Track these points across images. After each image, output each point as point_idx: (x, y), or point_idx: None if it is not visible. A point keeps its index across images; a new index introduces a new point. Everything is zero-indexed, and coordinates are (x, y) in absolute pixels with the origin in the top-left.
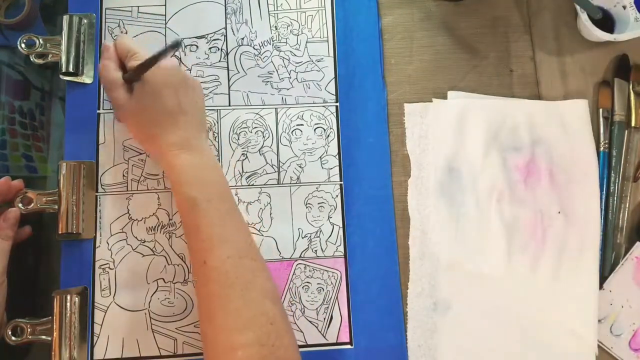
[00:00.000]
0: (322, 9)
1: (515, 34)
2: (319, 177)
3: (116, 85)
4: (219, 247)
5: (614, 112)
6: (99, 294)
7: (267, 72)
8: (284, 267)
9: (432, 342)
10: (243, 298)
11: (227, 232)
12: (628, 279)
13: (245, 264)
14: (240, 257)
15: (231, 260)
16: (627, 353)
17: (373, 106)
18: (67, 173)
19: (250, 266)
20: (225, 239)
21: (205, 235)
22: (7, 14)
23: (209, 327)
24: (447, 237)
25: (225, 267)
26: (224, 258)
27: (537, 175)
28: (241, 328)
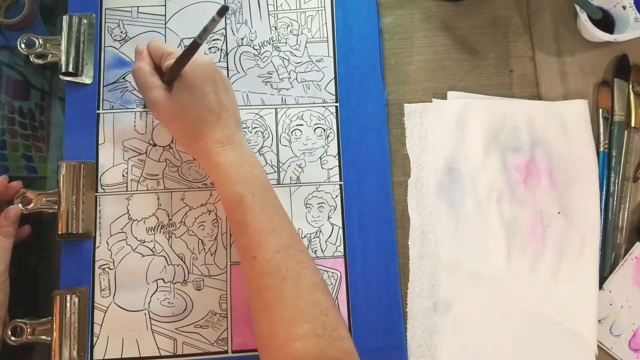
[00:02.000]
0: (321, 9)
1: (515, 34)
2: (319, 178)
3: (153, 86)
4: (268, 240)
5: (613, 113)
6: (99, 294)
7: (267, 72)
8: None
9: (432, 342)
10: (296, 289)
11: (274, 225)
12: (628, 279)
13: (293, 256)
14: (288, 249)
15: (280, 253)
16: (627, 353)
17: (373, 106)
18: (66, 173)
19: (299, 258)
20: (272, 232)
21: (253, 231)
22: (7, 14)
23: (265, 320)
24: (447, 237)
25: (275, 260)
26: (273, 251)
27: (537, 175)
28: (297, 319)
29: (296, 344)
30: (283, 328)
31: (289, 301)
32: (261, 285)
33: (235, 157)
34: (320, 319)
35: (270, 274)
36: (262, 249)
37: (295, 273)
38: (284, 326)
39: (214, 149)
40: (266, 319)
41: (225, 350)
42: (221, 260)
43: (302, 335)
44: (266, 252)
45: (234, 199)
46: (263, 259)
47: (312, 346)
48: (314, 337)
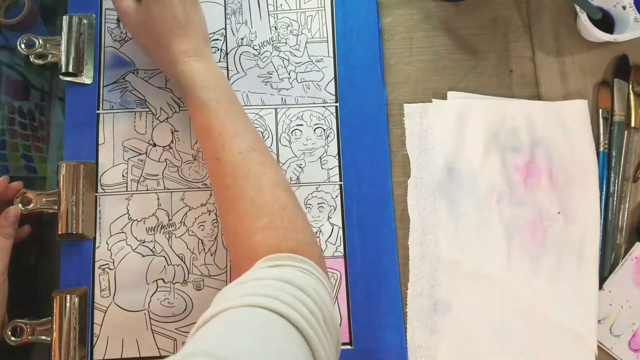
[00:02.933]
0: (321, 9)
1: (515, 35)
2: (319, 178)
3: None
4: (230, 142)
5: (613, 113)
6: (99, 295)
7: (267, 73)
8: None
9: (431, 343)
10: (256, 188)
11: (237, 129)
12: (628, 280)
13: (255, 157)
14: (250, 151)
15: (242, 155)
16: (627, 353)
17: (373, 106)
18: (66, 173)
19: (260, 159)
20: (235, 135)
21: (216, 133)
22: (7, 14)
23: (229, 218)
24: (447, 237)
25: (237, 160)
26: (235, 152)
27: (536, 175)
28: (257, 214)
29: (256, 237)
30: (245, 223)
31: (249, 198)
32: (225, 184)
33: (200, 67)
34: (279, 214)
35: (232, 174)
36: (225, 151)
37: (256, 172)
38: (246, 221)
39: (180, 59)
40: (230, 217)
41: None
42: (221, 260)
43: (261, 228)
44: (229, 154)
45: (198, 104)
46: (226, 159)
47: (270, 238)
48: (272, 230)
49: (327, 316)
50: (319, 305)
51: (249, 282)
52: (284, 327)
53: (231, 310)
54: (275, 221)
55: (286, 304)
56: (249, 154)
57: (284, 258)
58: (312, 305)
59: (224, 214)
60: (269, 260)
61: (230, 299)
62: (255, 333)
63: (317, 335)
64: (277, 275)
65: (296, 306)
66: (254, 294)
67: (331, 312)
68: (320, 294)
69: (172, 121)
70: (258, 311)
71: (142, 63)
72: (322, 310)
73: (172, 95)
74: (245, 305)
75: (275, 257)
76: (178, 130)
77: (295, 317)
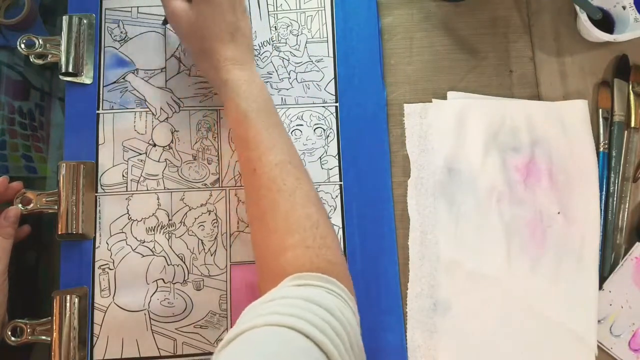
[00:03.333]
0: (321, 9)
1: (514, 35)
2: (319, 178)
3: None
4: (267, 154)
5: (613, 113)
6: (99, 295)
7: (267, 73)
8: None
9: (431, 343)
10: (290, 202)
11: (275, 142)
12: (628, 280)
13: (290, 171)
14: (286, 165)
15: (278, 167)
16: (627, 353)
17: (372, 106)
18: (66, 173)
19: (295, 173)
20: (273, 148)
21: (254, 145)
22: (7, 14)
23: (260, 231)
24: (447, 237)
25: (273, 173)
26: (272, 165)
27: (536, 175)
28: (290, 230)
29: (287, 254)
30: (276, 238)
31: (283, 213)
32: (259, 196)
33: (243, 76)
34: (311, 231)
35: (267, 186)
36: (262, 163)
37: (291, 187)
38: (278, 236)
39: (224, 66)
40: (262, 230)
41: None
42: (221, 261)
43: (293, 246)
44: (265, 166)
45: (238, 114)
46: (262, 172)
47: (301, 256)
48: (303, 248)
49: (352, 339)
50: (345, 327)
51: (276, 301)
52: (309, 348)
53: (255, 330)
54: (307, 239)
55: (312, 324)
56: (285, 167)
57: (312, 278)
58: (338, 328)
59: (255, 227)
60: (296, 279)
61: (256, 317)
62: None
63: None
64: (305, 295)
65: (322, 327)
66: (280, 312)
67: (357, 335)
68: (347, 316)
69: (172, 121)
70: (283, 331)
71: (142, 63)
72: (349, 332)
73: (172, 95)
74: (270, 325)
75: (303, 276)
76: (178, 130)
77: (321, 339)
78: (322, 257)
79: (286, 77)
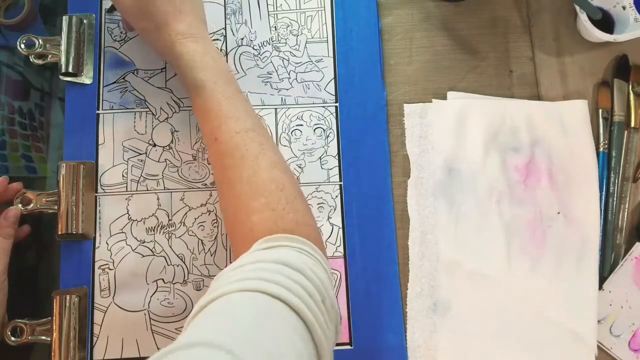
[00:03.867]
0: (321, 10)
1: (514, 35)
2: (319, 178)
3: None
4: (227, 123)
5: (613, 113)
6: (99, 295)
7: (267, 73)
8: None
9: (431, 343)
10: (253, 168)
11: (234, 110)
12: (627, 280)
13: (253, 137)
14: (248, 132)
15: (240, 135)
16: (627, 353)
17: (372, 107)
18: (66, 173)
19: (258, 140)
20: (232, 116)
21: (214, 114)
22: (7, 14)
23: (227, 199)
24: (447, 237)
25: (234, 140)
26: (232, 132)
27: (536, 175)
28: (255, 194)
29: (253, 217)
30: (242, 203)
31: (247, 178)
32: (223, 165)
33: (197, 48)
34: (276, 194)
35: (230, 154)
36: (222, 131)
37: (254, 152)
38: (243, 201)
39: (177, 40)
40: (229, 197)
41: None
42: (221, 261)
43: (259, 209)
44: (226, 134)
45: (196, 86)
46: (223, 140)
47: (267, 219)
48: (269, 211)
49: (325, 298)
50: (317, 287)
51: (246, 266)
52: (282, 311)
53: (228, 296)
54: (272, 202)
55: (284, 287)
56: (247, 134)
57: (280, 239)
58: (310, 288)
59: (222, 195)
60: (265, 242)
61: (227, 283)
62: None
63: (316, 318)
64: (274, 257)
65: (294, 289)
66: (251, 278)
67: (330, 293)
68: (319, 274)
69: (172, 121)
70: (255, 296)
71: (142, 63)
72: (321, 291)
73: (172, 95)
74: (242, 290)
75: (272, 238)
76: (178, 130)
77: (293, 301)
78: (289, 219)
79: (286, 77)
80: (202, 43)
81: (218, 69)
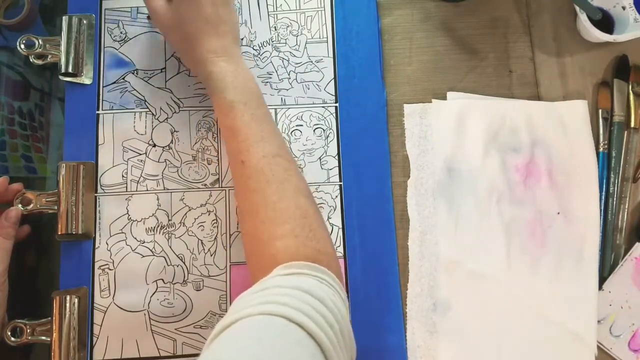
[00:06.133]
0: (321, 10)
1: (514, 35)
2: (319, 178)
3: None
4: (256, 146)
5: (613, 113)
6: (99, 295)
7: (267, 73)
8: None
9: (431, 343)
10: (279, 193)
11: (263, 133)
12: (627, 280)
13: (279, 163)
14: (274, 156)
15: (267, 159)
16: (627, 354)
17: (372, 107)
18: (66, 174)
19: (284, 165)
20: (261, 140)
21: (242, 136)
22: (7, 14)
23: (249, 222)
24: (447, 237)
25: (261, 164)
26: (260, 156)
27: (536, 176)
28: (278, 221)
29: (276, 243)
30: (265, 229)
31: (271, 204)
32: (247, 188)
33: (229, 68)
34: (300, 221)
35: (256, 178)
36: (250, 154)
37: (280, 178)
38: (267, 227)
39: (209, 58)
40: (251, 221)
41: None
42: (221, 261)
43: (282, 235)
44: (253, 157)
45: (225, 105)
46: (250, 163)
47: (290, 245)
48: (292, 237)
49: (343, 328)
50: (337, 317)
51: (269, 290)
52: (301, 337)
53: (249, 319)
54: (296, 229)
55: (305, 314)
56: (274, 158)
57: (303, 267)
58: (330, 318)
59: (245, 218)
60: (287, 268)
61: (249, 306)
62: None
63: (334, 348)
64: (297, 284)
65: (315, 317)
66: (273, 302)
67: (347, 324)
68: (338, 305)
69: (171, 121)
70: (278, 321)
71: (142, 63)
72: (339, 322)
73: (172, 95)
74: (264, 314)
75: (294, 264)
76: (178, 130)
77: (313, 329)
78: (312, 247)
79: (286, 77)
80: (234, 63)
81: (249, 90)
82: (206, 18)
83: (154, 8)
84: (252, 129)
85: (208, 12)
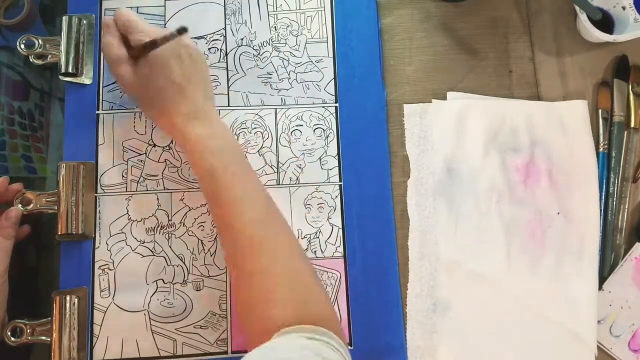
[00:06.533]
0: (321, 10)
1: (514, 35)
2: (319, 178)
3: (121, 61)
4: (242, 211)
5: (613, 113)
6: (99, 295)
7: (267, 73)
8: None
9: (431, 343)
10: (271, 257)
11: (246, 195)
12: (627, 280)
13: (268, 224)
14: (262, 218)
15: (255, 224)
16: (627, 354)
17: (372, 107)
18: (66, 174)
19: (273, 225)
20: (246, 203)
21: (226, 201)
22: (7, 14)
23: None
24: (447, 237)
25: (250, 230)
26: (246, 222)
27: (536, 176)
28: (274, 285)
29: (273, 311)
30: (260, 296)
31: (265, 269)
32: (237, 254)
33: (203, 131)
34: (296, 285)
35: (248, 245)
36: (236, 219)
37: (270, 241)
38: (262, 294)
39: (181, 122)
40: (244, 288)
41: (225, 350)
42: (221, 261)
43: (278, 303)
44: (239, 222)
45: (206, 171)
46: (238, 229)
47: (288, 312)
48: (289, 303)
49: None
50: None
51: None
52: None
53: None
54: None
55: None
56: (261, 223)
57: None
58: None
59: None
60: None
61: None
62: None
63: None
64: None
65: None
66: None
67: None
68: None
69: None
70: None
71: None
72: None
73: None
74: None
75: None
76: None
77: None
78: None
79: (286, 77)
80: (208, 123)
81: (227, 149)
82: (173, 82)
83: (119, 74)
84: (235, 190)
85: (175, 75)
